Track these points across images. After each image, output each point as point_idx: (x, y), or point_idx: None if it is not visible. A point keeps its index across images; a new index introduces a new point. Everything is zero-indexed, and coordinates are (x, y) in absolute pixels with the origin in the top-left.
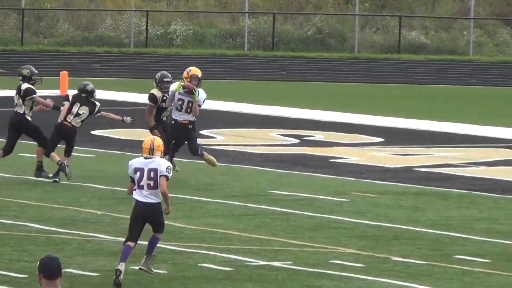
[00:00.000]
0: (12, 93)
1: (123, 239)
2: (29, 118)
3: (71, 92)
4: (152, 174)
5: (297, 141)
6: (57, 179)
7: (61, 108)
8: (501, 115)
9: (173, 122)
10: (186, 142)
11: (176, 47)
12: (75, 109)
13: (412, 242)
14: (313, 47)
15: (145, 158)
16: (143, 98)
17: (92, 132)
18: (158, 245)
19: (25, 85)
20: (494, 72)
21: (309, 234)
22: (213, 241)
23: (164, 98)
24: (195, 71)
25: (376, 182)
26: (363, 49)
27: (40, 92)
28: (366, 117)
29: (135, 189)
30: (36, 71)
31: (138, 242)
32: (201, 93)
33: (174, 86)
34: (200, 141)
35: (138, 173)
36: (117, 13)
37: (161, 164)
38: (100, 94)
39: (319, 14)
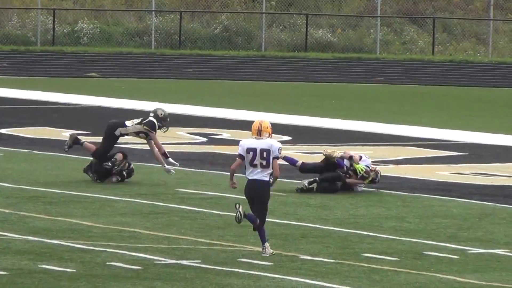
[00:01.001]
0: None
1: (32, 238)
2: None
3: None
4: (264, 155)
5: (204, 139)
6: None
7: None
8: (408, 113)
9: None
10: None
11: (83, 45)
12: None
13: (320, 240)
14: (220, 45)
15: (256, 138)
16: (50, 97)
17: (0, 130)
18: (64, 243)
19: (152, 119)
20: (401, 70)
21: (218, 232)
22: (121, 239)
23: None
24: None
25: (284, 180)
26: (270, 47)
27: None
28: (274, 115)
29: (246, 168)
30: (169, 119)
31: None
32: None
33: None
34: None
35: (251, 152)
36: (23, 11)
37: (274, 145)
38: (7, 92)
39: (226, 13)
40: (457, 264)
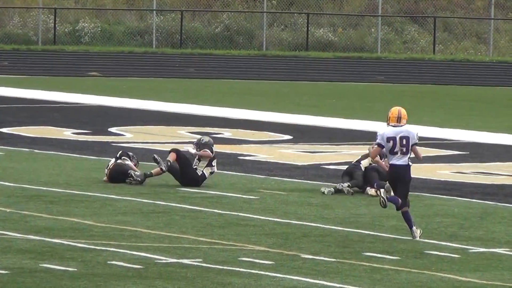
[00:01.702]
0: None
1: (33, 237)
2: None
3: None
4: (404, 142)
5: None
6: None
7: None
8: (409, 112)
9: None
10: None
11: (84, 44)
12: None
13: (321, 239)
14: (221, 45)
15: (394, 126)
16: (51, 96)
17: (1, 129)
18: (65, 242)
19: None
20: (402, 69)
21: (218, 231)
22: (122, 238)
23: None
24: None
25: (285, 179)
26: (271, 46)
27: None
28: (275, 114)
29: (387, 155)
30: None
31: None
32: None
33: None
34: (108, 138)
35: (391, 141)
36: (25, 11)
37: (411, 132)
38: (8, 91)
39: (227, 12)
40: (458, 263)
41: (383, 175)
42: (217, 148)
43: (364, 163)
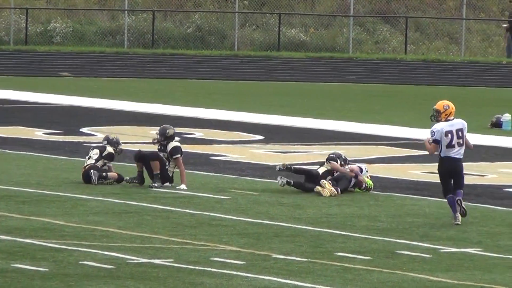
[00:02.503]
0: None
1: (4, 237)
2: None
3: None
4: (460, 134)
5: (177, 138)
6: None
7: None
8: (380, 112)
9: None
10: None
11: (56, 44)
12: None
13: (293, 239)
14: (193, 45)
15: (446, 121)
16: (22, 96)
17: None
18: (37, 242)
19: (173, 144)
20: (374, 69)
21: (190, 231)
22: (94, 238)
23: None
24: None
25: (256, 179)
26: (243, 46)
27: None
28: (246, 114)
29: (442, 149)
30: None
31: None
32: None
33: None
34: (80, 139)
35: (449, 135)
36: None
37: (465, 123)
38: None
39: (199, 12)
40: (430, 263)
41: (342, 181)
42: (188, 148)
43: (321, 170)
